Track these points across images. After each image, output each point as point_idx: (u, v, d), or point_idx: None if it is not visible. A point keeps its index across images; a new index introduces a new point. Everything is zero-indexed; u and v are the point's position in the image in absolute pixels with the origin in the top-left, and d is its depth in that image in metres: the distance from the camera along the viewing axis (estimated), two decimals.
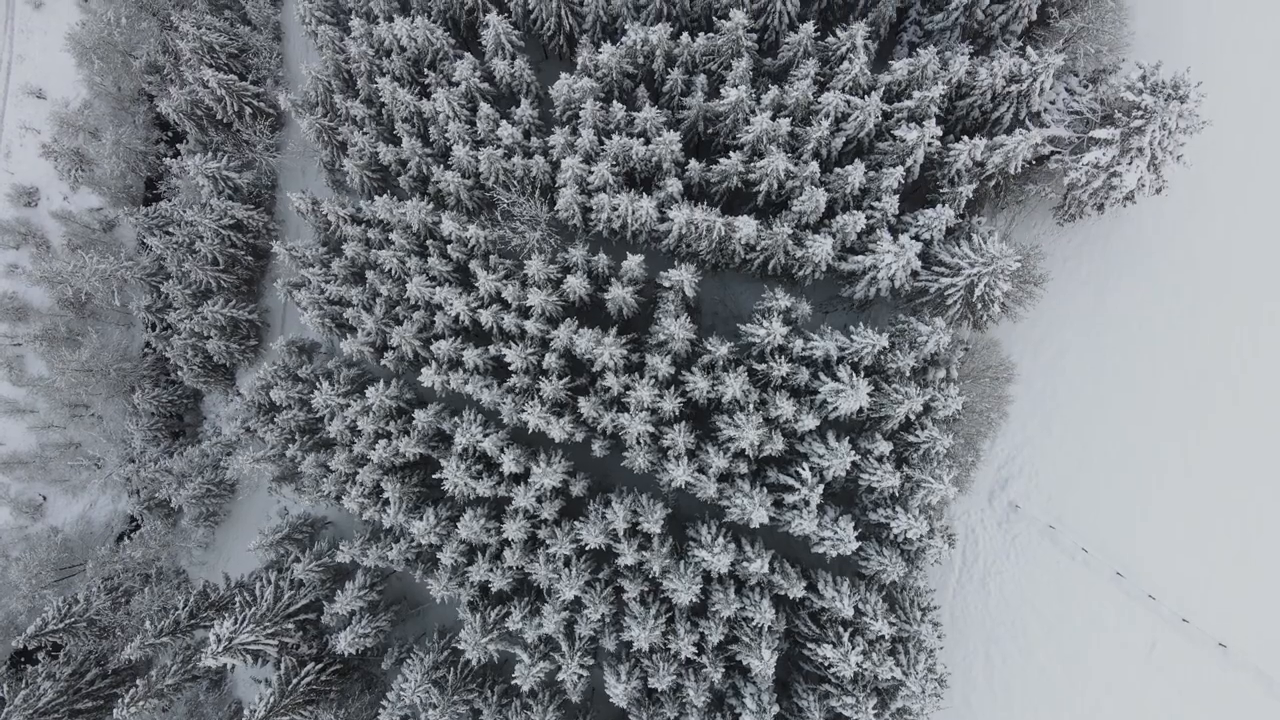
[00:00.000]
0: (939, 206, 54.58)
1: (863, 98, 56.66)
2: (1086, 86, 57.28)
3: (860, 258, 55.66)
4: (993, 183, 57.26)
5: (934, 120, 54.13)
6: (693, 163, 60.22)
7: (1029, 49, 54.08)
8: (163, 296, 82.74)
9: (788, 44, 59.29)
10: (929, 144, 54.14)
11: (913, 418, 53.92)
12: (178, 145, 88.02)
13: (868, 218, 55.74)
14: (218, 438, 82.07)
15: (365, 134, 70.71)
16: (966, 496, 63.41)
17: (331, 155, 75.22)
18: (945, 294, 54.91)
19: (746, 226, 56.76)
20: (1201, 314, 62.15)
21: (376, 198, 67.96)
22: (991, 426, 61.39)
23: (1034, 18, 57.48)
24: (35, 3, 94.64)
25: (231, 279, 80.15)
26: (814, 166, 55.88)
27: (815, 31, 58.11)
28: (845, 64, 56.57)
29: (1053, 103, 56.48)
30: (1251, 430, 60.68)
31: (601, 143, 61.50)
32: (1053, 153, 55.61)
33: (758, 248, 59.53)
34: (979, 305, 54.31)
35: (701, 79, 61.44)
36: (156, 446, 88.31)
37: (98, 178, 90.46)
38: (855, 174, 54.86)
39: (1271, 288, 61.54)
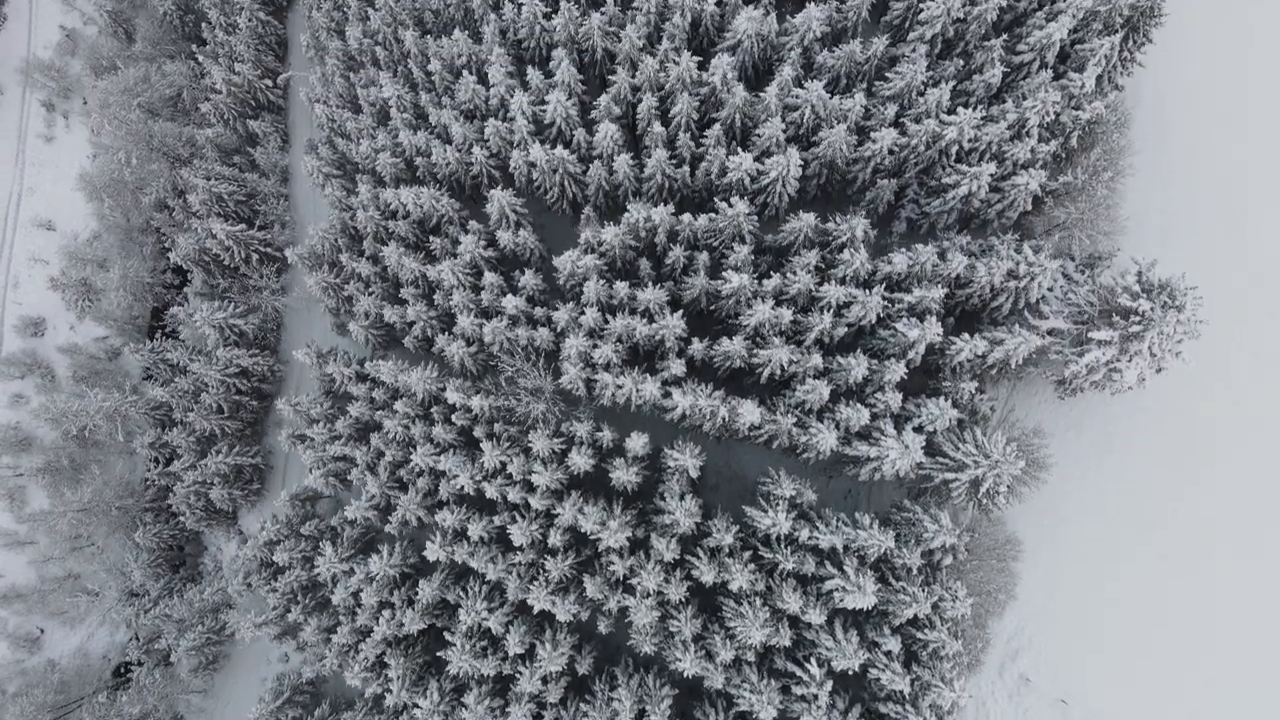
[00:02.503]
0: (941, 400, 55.00)
1: (863, 288, 57.36)
2: (1082, 272, 58.13)
3: (864, 447, 55.87)
4: (994, 370, 57.78)
5: (935, 317, 54.73)
6: (695, 342, 60.80)
7: (1026, 246, 54.91)
8: (166, 442, 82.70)
9: (788, 228, 60.06)
10: (930, 343, 54.69)
11: (921, 616, 53.74)
12: (184, 283, 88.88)
13: (871, 411, 56.07)
14: (219, 584, 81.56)
15: (370, 294, 71.39)
16: (977, 670, 62.88)
17: (337, 307, 75.82)
18: (950, 485, 55.08)
19: (750, 414, 57.07)
20: (1203, 483, 62.35)
21: (381, 362, 68.37)
22: (1000, 605, 61.12)
23: (1029, 208, 58.43)
24: (47, 136, 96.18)
25: (235, 424, 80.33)
26: (816, 359, 56.45)
27: (816, 219, 58.81)
28: (846, 253, 57.35)
29: (1050, 290, 57.24)
30: (1263, 597, 60.63)
31: (605, 320, 62.10)
32: (1052, 343, 56.12)
33: (762, 428, 59.79)
34: (984, 499, 54.41)
35: (704, 256, 62.34)
36: (157, 581, 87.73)
37: (104, 310, 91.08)
38: (858, 368, 55.39)
39: (1274, 457, 61.85)
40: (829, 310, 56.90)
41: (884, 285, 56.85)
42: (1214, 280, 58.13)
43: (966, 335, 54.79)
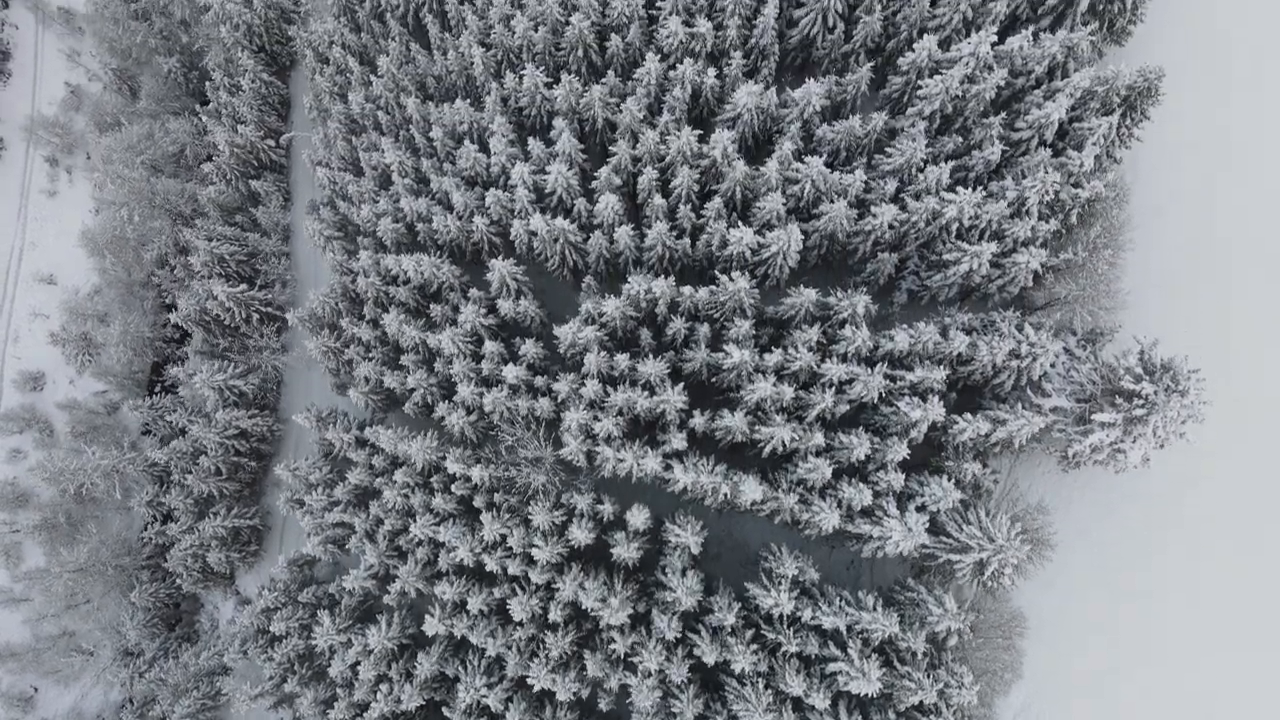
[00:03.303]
0: (944, 480, 54.69)
1: (865, 364, 57.24)
2: (1084, 348, 58.01)
3: (867, 526, 55.48)
4: (997, 447, 57.52)
5: (937, 397, 54.54)
6: (697, 415, 60.51)
7: (1028, 326, 54.83)
8: (163, 501, 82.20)
9: (789, 303, 60.03)
10: (932, 422, 54.48)
11: (927, 703, 53.05)
12: (185, 337, 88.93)
13: (873, 490, 55.73)
14: (215, 646, 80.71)
15: (370, 358, 71.27)
16: None
17: (338, 368, 75.59)
18: (954, 565, 54.61)
19: (752, 492, 56.77)
20: (1210, 554, 62.06)
21: (382, 430, 68.10)
22: (1006, 684, 60.38)
23: (1030, 284, 58.46)
24: (50, 191, 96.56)
25: (234, 485, 79.87)
26: (819, 437, 56.20)
27: (817, 295, 58.78)
28: (847, 329, 57.28)
29: (1052, 365, 57.07)
30: (1271, 671, 60.20)
31: (606, 392, 61.91)
32: (1055, 421, 55.86)
33: (764, 504, 59.40)
34: (990, 580, 53.92)
35: (704, 329, 62.25)
36: (152, 641, 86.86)
37: (104, 365, 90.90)
38: (860, 447, 55.13)
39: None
40: (830, 388, 56.63)
41: (885, 362, 56.59)
42: (1216, 356, 57.98)
43: (969, 415, 54.61)
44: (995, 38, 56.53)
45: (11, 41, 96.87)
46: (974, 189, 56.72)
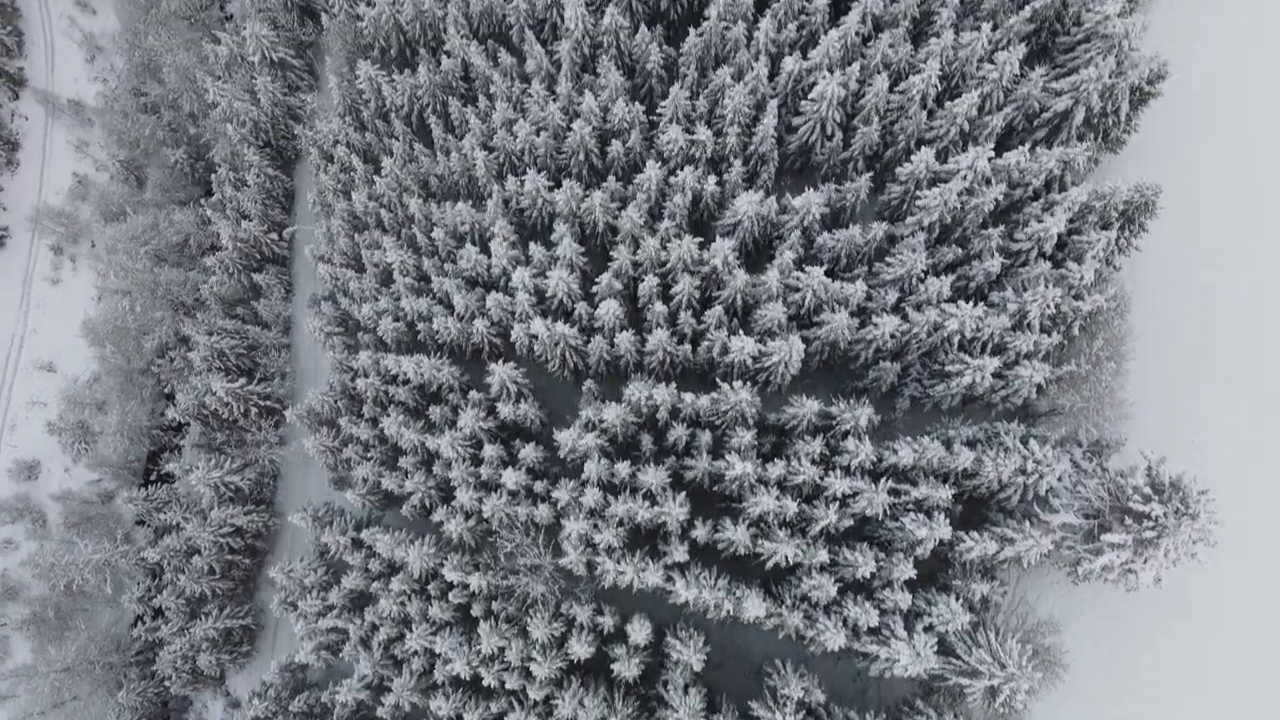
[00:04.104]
0: (953, 601, 53.52)
1: (868, 477, 56.53)
2: (1090, 459, 57.39)
3: (874, 645, 54.10)
4: (1004, 564, 56.44)
5: (943, 514, 53.71)
6: (699, 526, 59.57)
7: (1033, 442, 54.25)
8: (155, 597, 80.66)
9: (791, 413, 59.55)
10: (938, 540, 53.57)
11: None
12: (183, 426, 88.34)
13: (879, 608, 54.51)
14: None
15: (369, 459, 70.60)
16: None
17: (335, 465, 74.81)
18: (965, 689, 53.07)
19: (755, 608, 55.59)
20: (1224, 665, 60.61)
21: (379, 534, 67.09)
22: None
23: (1033, 395, 58.06)
24: (53, 279, 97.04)
25: (227, 584, 78.45)
26: (822, 554, 55.19)
27: (819, 406, 58.34)
28: (850, 442, 56.69)
29: (1060, 479, 56.29)
30: None
31: (607, 501, 61.04)
32: (1064, 538, 54.90)
33: (768, 619, 58.08)
34: (1002, 707, 52.32)
35: (706, 436, 61.74)
36: None
37: (100, 454, 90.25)
38: (865, 565, 54.15)
39: None
40: (834, 503, 55.83)
41: (890, 477, 55.86)
42: (1222, 464, 57.47)
43: (976, 534, 53.69)
44: (992, 152, 57.04)
45: (21, 132, 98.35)
46: (975, 302, 56.68)
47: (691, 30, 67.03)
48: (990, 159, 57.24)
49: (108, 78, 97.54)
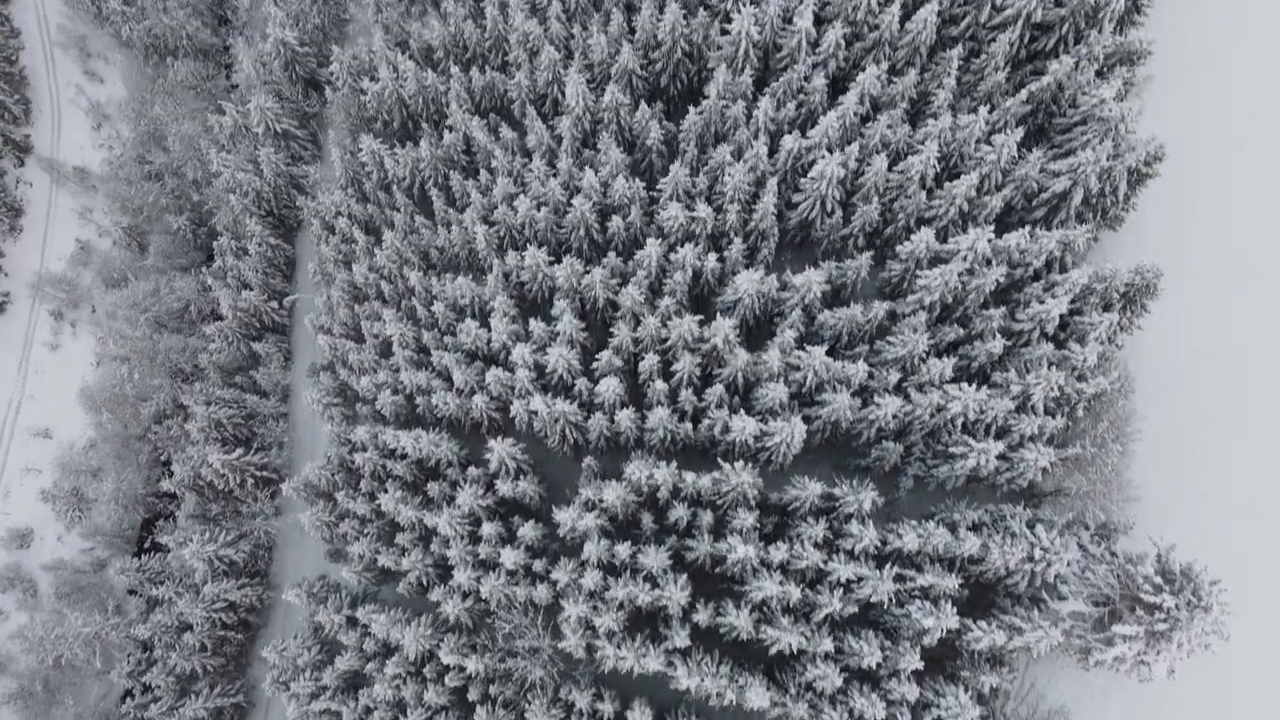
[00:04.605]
0: (961, 693, 52.23)
1: (871, 563, 55.62)
2: (1098, 543, 56.51)
3: None
4: (1013, 652, 55.22)
5: (950, 603, 52.67)
6: (700, 610, 58.45)
7: (1040, 528, 53.43)
8: (147, 671, 78.94)
9: (793, 495, 58.82)
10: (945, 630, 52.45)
11: None
12: (176, 497, 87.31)
13: (886, 700, 53.18)
14: None
15: (366, 535, 69.67)
16: None
17: (331, 538, 73.79)
18: None
19: (759, 698, 54.30)
20: None
21: (375, 614, 65.89)
22: None
23: (1039, 479, 57.37)
24: (52, 345, 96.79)
25: (218, 660, 76.83)
26: (827, 643, 53.99)
27: (822, 488, 57.65)
28: (853, 525, 55.87)
29: (1068, 565, 55.30)
30: None
31: (607, 583, 60.00)
32: (1074, 626, 53.75)
33: (772, 708, 56.63)
34: None
35: (707, 516, 60.94)
36: None
37: (94, 523, 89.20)
38: (871, 655, 52.93)
39: None
40: (839, 588, 54.85)
41: (894, 562, 54.97)
42: (1235, 549, 56.60)
43: (984, 624, 52.57)
44: (993, 234, 57.16)
45: (25, 198, 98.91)
46: (977, 383, 56.36)
47: (691, 108, 67.73)
48: (990, 240, 57.23)
49: (113, 145, 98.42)
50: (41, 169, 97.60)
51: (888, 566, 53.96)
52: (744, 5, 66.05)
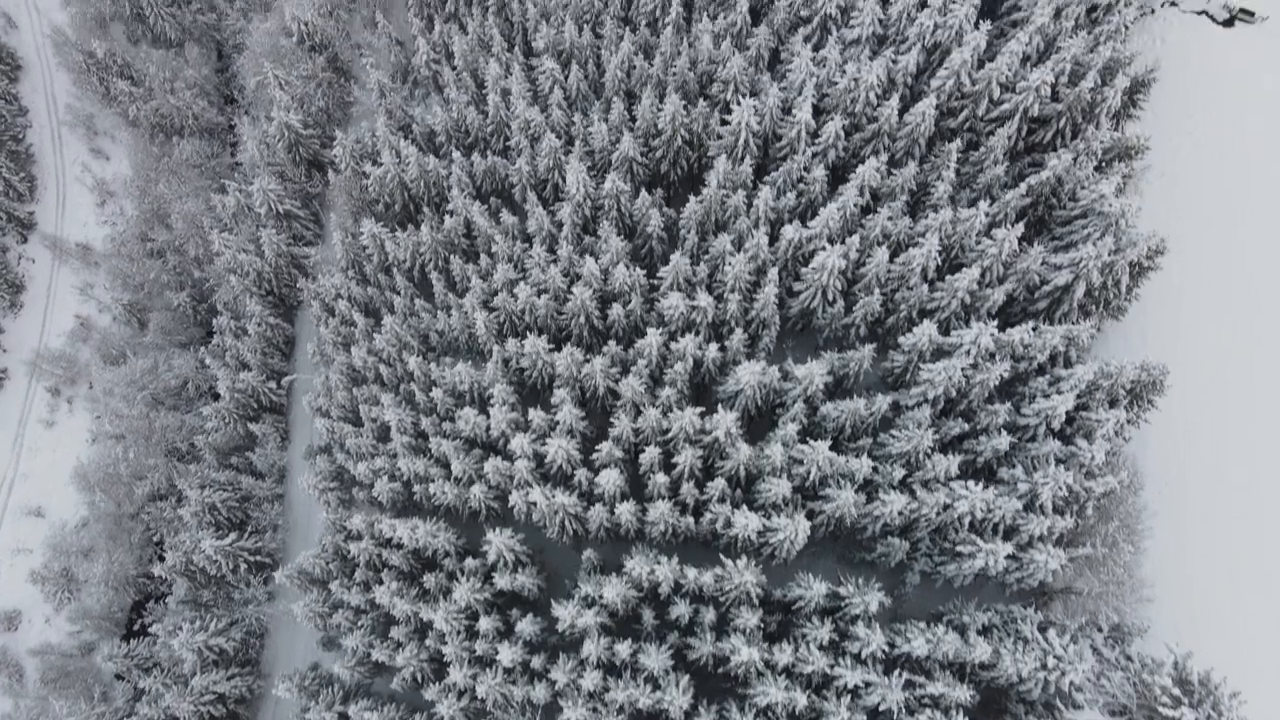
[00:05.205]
0: None
1: (879, 667, 54.00)
2: (1112, 646, 54.98)
3: None
4: None
5: (962, 712, 50.96)
6: (703, 714, 56.83)
7: (1053, 633, 51.96)
8: None
9: (797, 594, 57.48)
10: None
11: None
12: (166, 583, 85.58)
13: None
14: None
15: (360, 627, 68.06)
16: None
17: (325, 627, 72.06)
18: None
19: None
20: None
21: (368, 714, 63.85)
22: None
23: (1049, 579, 56.05)
24: (48, 421, 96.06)
25: None
26: None
27: (827, 588, 56.34)
28: (860, 628, 54.40)
29: (1085, 677, 53.58)
30: None
31: (606, 684, 58.27)
32: None
33: None
34: None
35: (710, 614, 59.52)
36: None
37: (84, 605, 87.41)
38: None
39: None
40: (846, 694, 53.15)
41: (903, 667, 53.38)
42: (1252, 648, 54.96)
43: None
44: (995, 330, 56.77)
45: (27, 274, 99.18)
46: (984, 479, 55.49)
47: (692, 197, 67.95)
48: (994, 335, 56.81)
49: (116, 221, 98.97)
50: (44, 246, 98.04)
51: (896, 673, 52.37)
52: (743, 98, 66.79)
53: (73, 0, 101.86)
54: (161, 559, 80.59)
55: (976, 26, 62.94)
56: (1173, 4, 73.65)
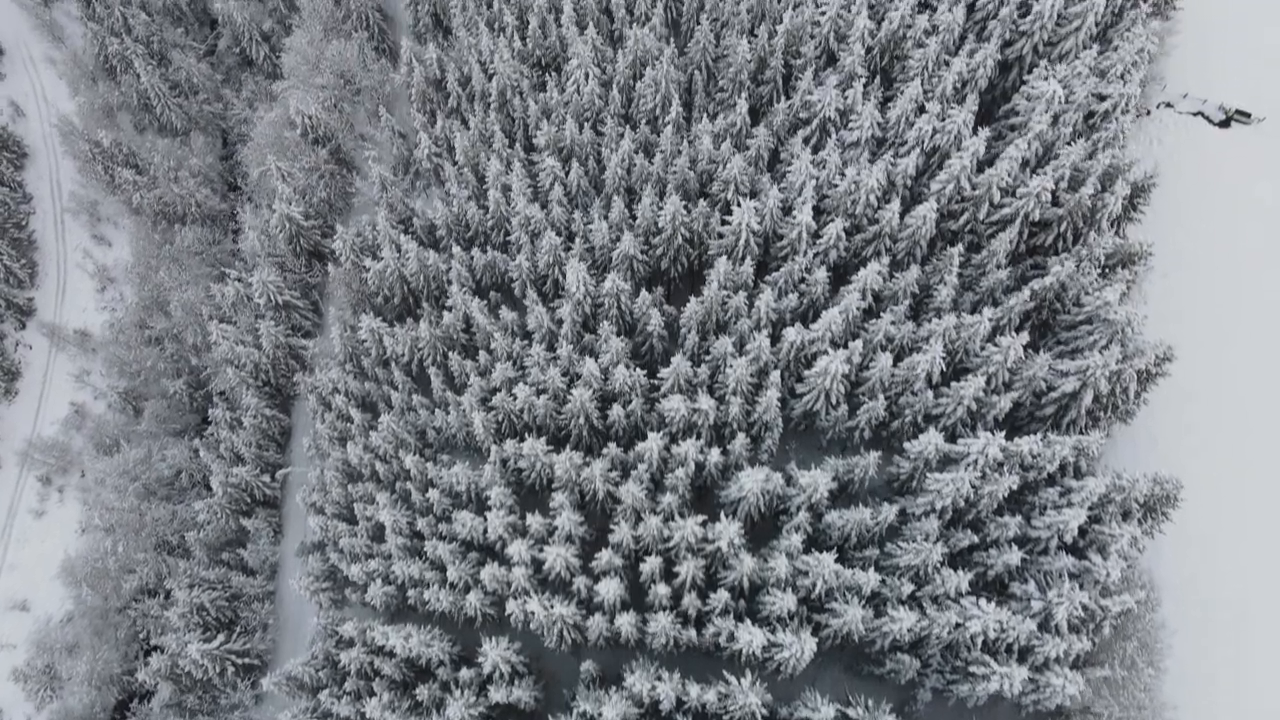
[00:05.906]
0: None
1: None
2: None
3: None
4: None
5: None
6: None
7: None
8: None
9: (806, 713, 55.25)
10: None
11: None
12: (151, 686, 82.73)
13: None
14: None
15: None
16: None
17: None
18: None
19: None
20: None
21: None
22: None
23: (1067, 703, 53.90)
24: (38, 512, 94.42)
25: None
26: None
27: (834, 712, 54.07)
28: None
29: None
30: None
31: None
32: None
33: None
34: None
35: None
36: None
37: (66, 706, 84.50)
38: None
39: None
40: None
41: None
42: None
43: None
44: (1004, 440, 55.66)
45: (23, 361, 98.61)
46: (995, 596, 53.76)
47: (693, 298, 67.56)
48: (1002, 446, 55.68)
49: (116, 307, 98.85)
50: (42, 333, 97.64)
51: None
52: (743, 198, 66.94)
53: (81, 90, 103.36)
54: (148, 660, 77.91)
55: (975, 133, 63.33)
56: (1168, 105, 74.48)
